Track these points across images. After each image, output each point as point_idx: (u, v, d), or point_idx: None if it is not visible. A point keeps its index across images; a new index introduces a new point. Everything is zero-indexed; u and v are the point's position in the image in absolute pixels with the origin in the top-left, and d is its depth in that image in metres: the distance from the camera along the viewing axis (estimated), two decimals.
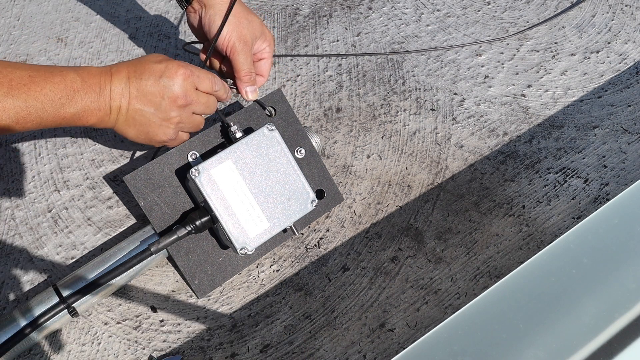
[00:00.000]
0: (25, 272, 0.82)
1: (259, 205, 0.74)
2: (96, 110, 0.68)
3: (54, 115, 0.65)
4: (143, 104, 0.70)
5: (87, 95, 0.67)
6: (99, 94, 0.68)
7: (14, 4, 1.13)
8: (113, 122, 0.70)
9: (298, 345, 0.76)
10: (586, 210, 0.85)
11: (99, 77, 0.68)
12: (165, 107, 0.70)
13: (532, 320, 0.55)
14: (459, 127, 0.94)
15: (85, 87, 0.67)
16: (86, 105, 0.67)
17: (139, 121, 0.71)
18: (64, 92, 0.65)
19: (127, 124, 0.71)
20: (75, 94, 0.66)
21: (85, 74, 0.67)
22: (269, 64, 0.82)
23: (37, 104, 0.63)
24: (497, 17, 1.08)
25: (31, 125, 0.64)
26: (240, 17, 0.75)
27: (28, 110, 0.63)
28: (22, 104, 0.62)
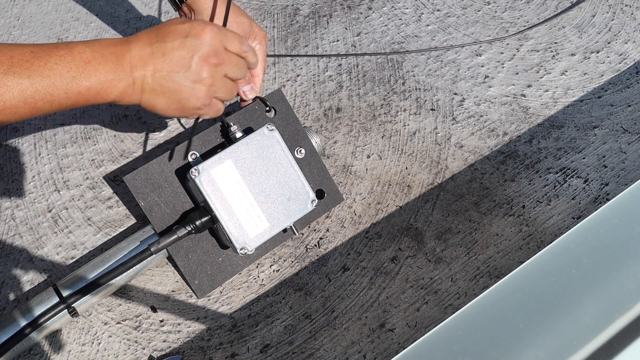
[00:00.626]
0: (25, 272, 0.82)
1: (259, 205, 0.74)
2: (116, 82, 0.61)
3: (66, 91, 0.59)
4: (171, 67, 0.63)
5: (102, 65, 0.61)
6: (117, 63, 0.61)
7: (14, 4, 1.13)
8: (138, 93, 0.64)
9: (298, 345, 0.76)
10: (586, 210, 0.85)
11: (114, 47, 0.62)
12: (196, 67, 0.64)
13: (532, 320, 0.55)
14: (459, 127, 0.94)
15: (97, 57, 0.61)
16: (103, 77, 0.61)
17: (169, 88, 0.64)
18: (73, 64, 0.59)
19: (155, 93, 0.64)
20: (87, 65, 0.60)
21: (95, 45, 0.61)
22: (263, 61, 0.80)
23: (44, 80, 0.58)
24: (497, 17, 1.08)
25: (43, 105, 0.59)
26: (229, 19, 0.75)
27: (34, 87, 0.58)
28: (25, 81, 0.57)
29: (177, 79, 0.64)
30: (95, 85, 0.61)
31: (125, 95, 0.63)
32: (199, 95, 0.66)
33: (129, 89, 0.63)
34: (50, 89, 0.58)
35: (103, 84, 0.61)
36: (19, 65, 0.57)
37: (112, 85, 0.62)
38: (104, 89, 0.61)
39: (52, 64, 0.58)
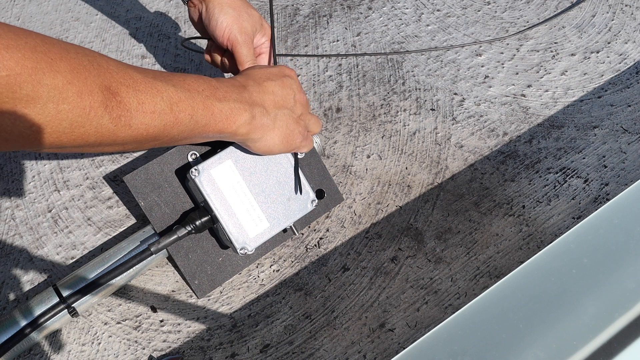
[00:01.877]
0: (25, 272, 0.82)
1: (259, 205, 0.74)
2: (242, 111, 0.63)
3: (203, 107, 0.60)
4: (280, 104, 0.68)
5: (229, 93, 0.63)
6: (240, 94, 0.64)
7: (14, 4, 1.13)
8: (257, 129, 0.66)
9: (298, 345, 0.76)
10: (586, 210, 0.85)
11: (231, 82, 0.65)
12: (295, 104, 0.69)
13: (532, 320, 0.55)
14: (459, 127, 0.94)
15: (223, 86, 0.63)
16: (232, 104, 0.62)
17: (279, 124, 0.68)
18: (206, 85, 0.61)
19: (269, 129, 0.67)
20: (217, 90, 0.62)
21: (216, 78, 0.64)
22: (268, 59, 0.82)
23: (185, 92, 0.59)
24: (497, 17, 1.08)
25: (184, 117, 0.58)
26: (240, 10, 0.76)
27: (179, 95, 0.58)
28: (171, 88, 0.57)
29: (285, 116, 0.68)
30: (226, 109, 0.62)
31: (246, 127, 0.65)
32: (301, 130, 0.71)
33: (250, 123, 0.65)
34: (191, 101, 0.59)
35: (232, 110, 0.63)
36: (163, 77, 0.58)
37: (239, 114, 0.63)
38: (232, 115, 0.63)
39: (189, 80, 0.60)
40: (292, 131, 0.69)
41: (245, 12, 0.76)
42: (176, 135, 0.60)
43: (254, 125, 0.65)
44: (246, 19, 0.76)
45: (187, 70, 1.02)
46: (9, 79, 0.44)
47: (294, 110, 0.69)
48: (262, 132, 0.67)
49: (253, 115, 0.65)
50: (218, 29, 0.75)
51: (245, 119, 0.64)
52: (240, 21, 0.75)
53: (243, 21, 0.76)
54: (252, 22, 0.77)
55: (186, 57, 1.04)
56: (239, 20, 0.75)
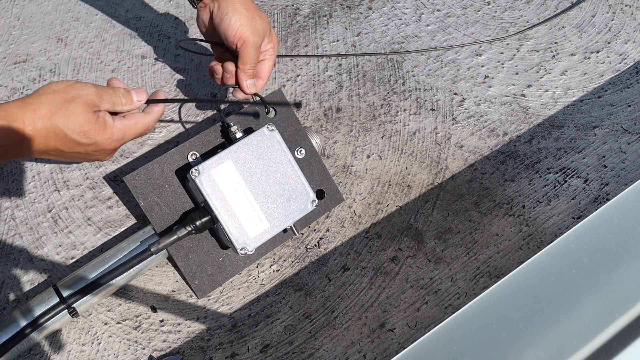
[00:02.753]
0: (25, 272, 0.82)
1: (259, 206, 0.74)
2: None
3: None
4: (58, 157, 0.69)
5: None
6: (5, 149, 0.63)
7: (14, 4, 1.13)
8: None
9: (298, 345, 0.76)
10: (586, 210, 0.85)
11: (6, 134, 0.62)
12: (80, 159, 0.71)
13: (532, 320, 0.55)
14: (459, 127, 0.94)
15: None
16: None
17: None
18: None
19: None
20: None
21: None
22: (270, 67, 0.81)
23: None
24: (497, 17, 1.08)
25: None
26: (253, 12, 0.76)
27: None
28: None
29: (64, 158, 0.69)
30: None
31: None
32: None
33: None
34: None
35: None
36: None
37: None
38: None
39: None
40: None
41: (258, 15, 0.76)
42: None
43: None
44: (258, 22, 0.76)
45: (187, 70, 1.02)
46: None
47: (75, 159, 0.69)
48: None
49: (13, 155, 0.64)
50: (231, 28, 0.75)
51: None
52: (253, 22, 0.75)
53: (256, 23, 0.75)
54: (263, 25, 0.77)
55: (186, 57, 1.04)
56: (252, 22, 0.75)
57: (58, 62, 1.04)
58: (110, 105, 0.67)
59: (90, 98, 0.65)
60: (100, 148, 0.67)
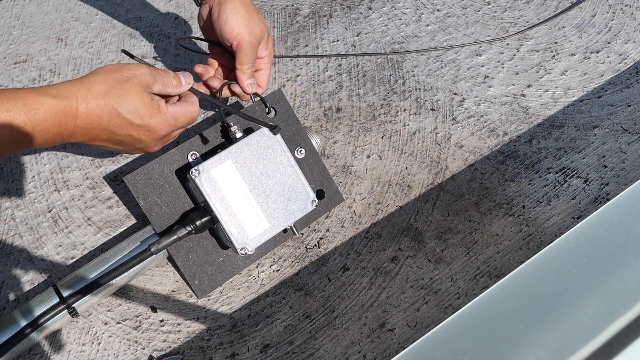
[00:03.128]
0: (25, 272, 0.82)
1: (259, 206, 0.74)
2: (50, 143, 0.64)
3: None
4: (108, 145, 0.70)
5: (37, 135, 0.62)
6: (57, 134, 0.63)
7: (14, 4, 1.13)
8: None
9: (298, 345, 0.76)
10: (586, 210, 0.85)
11: (57, 117, 0.62)
12: (129, 149, 0.72)
13: (532, 320, 0.55)
14: (459, 127, 0.94)
15: (32, 128, 0.61)
16: (36, 143, 0.62)
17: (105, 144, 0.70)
18: (7, 130, 0.60)
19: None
20: (22, 136, 0.61)
21: (36, 108, 0.61)
22: (268, 75, 0.82)
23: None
24: (497, 17, 1.08)
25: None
26: (252, 13, 0.76)
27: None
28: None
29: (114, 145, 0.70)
30: (24, 146, 0.62)
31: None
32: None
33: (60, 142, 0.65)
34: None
35: (34, 144, 0.63)
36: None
37: (43, 143, 0.64)
38: (33, 144, 0.63)
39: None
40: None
41: (257, 17, 0.76)
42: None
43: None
44: (256, 23, 0.76)
45: (187, 70, 1.02)
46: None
47: (124, 148, 0.70)
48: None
49: (65, 140, 0.65)
50: (227, 26, 0.75)
51: (51, 144, 0.64)
52: (251, 24, 0.75)
53: (254, 25, 0.75)
54: (261, 27, 0.77)
55: (186, 57, 1.04)
56: (250, 23, 0.75)
57: (58, 62, 1.04)
58: (162, 86, 0.67)
59: (144, 79, 0.65)
60: (153, 132, 0.67)
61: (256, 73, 0.81)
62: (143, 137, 0.67)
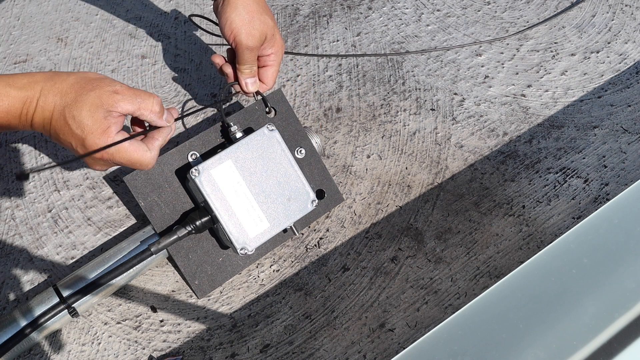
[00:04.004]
0: (25, 272, 0.82)
1: (259, 206, 0.74)
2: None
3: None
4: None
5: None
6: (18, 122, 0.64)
7: (14, 4, 1.13)
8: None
9: (298, 345, 0.76)
10: (586, 210, 0.85)
11: (12, 110, 0.63)
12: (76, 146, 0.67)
13: (532, 320, 0.55)
14: (459, 127, 0.94)
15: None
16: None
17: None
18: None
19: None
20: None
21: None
22: (274, 72, 0.81)
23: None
24: (497, 17, 1.08)
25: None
26: (254, 14, 0.75)
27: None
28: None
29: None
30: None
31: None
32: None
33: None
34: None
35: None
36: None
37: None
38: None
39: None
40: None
41: (259, 18, 0.75)
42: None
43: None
44: (257, 25, 0.75)
45: (187, 70, 1.02)
46: None
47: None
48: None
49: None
50: (226, 28, 0.75)
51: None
52: (250, 26, 0.75)
53: (253, 27, 0.75)
54: (262, 29, 0.76)
55: (186, 57, 1.04)
56: (249, 24, 0.75)
57: (58, 62, 1.04)
58: (134, 107, 0.64)
59: (108, 95, 0.62)
60: (87, 148, 0.63)
61: (262, 70, 0.81)
62: (79, 149, 0.64)
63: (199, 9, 1.11)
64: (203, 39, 1.07)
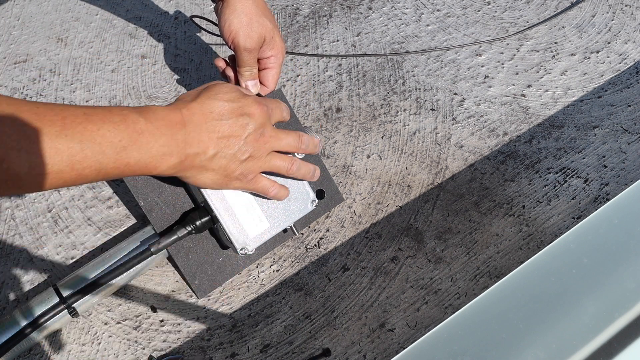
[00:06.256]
0: (25, 272, 0.82)
1: (259, 206, 0.74)
2: (168, 156, 0.59)
3: (115, 161, 0.56)
4: (224, 147, 0.64)
5: (155, 138, 0.58)
6: (171, 138, 0.59)
7: (14, 4, 1.13)
8: (188, 169, 0.63)
9: (298, 345, 0.76)
10: (586, 210, 0.85)
11: (168, 119, 0.60)
12: (245, 146, 0.65)
13: (532, 320, 0.55)
14: (459, 127, 0.94)
15: (151, 128, 0.58)
16: (155, 151, 0.58)
17: (219, 164, 0.64)
18: (126, 133, 0.56)
19: (205, 169, 0.64)
20: (140, 137, 0.57)
21: (149, 114, 0.59)
22: (275, 74, 0.81)
23: (95, 147, 0.54)
24: (497, 17, 1.08)
25: (89, 172, 0.55)
26: (252, 16, 0.75)
27: (84, 153, 0.53)
28: (76, 146, 0.53)
29: (225, 158, 0.64)
30: (145, 158, 0.58)
31: (173, 169, 0.62)
32: (244, 171, 0.67)
33: (179, 165, 0.61)
34: (99, 156, 0.54)
35: (154, 158, 0.59)
36: (72, 128, 0.53)
37: (163, 160, 0.59)
38: (153, 163, 0.59)
39: (104, 130, 0.55)
40: (232, 173, 0.66)
41: (257, 21, 0.75)
42: (81, 184, 0.57)
43: (184, 167, 0.62)
44: (255, 28, 0.75)
45: (187, 70, 1.02)
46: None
47: (240, 152, 0.65)
48: (194, 172, 0.64)
49: (183, 158, 0.61)
50: (225, 30, 0.75)
51: (171, 163, 0.60)
52: (249, 28, 0.75)
53: (252, 29, 0.75)
54: (261, 31, 0.76)
55: (186, 57, 1.04)
56: (247, 27, 0.75)
57: (58, 62, 1.04)
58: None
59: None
60: (251, 105, 0.66)
61: (263, 72, 0.81)
62: (243, 118, 0.65)
63: (199, 9, 1.11)
64: (203, 39, 1.07)
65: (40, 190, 0.53)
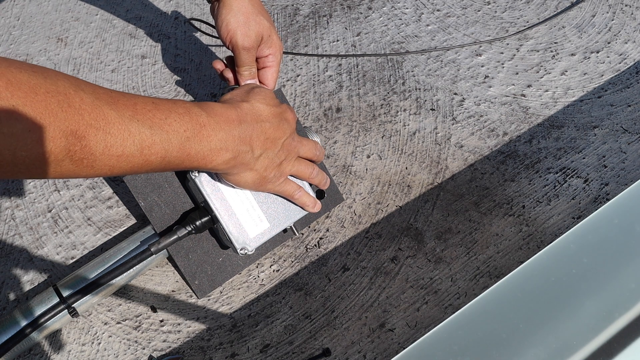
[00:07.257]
0: (25, 272, 0.82)
1: (259, 206, 0.74)
2: (224, 151, 0.62)
3: (178, 150, 0.58)
4: (268, 147, 0.67)
5: (215, 132, 0.61)
6: (228, 134, 0.62)
7: (14, 4, 1.13)
8: (237, 165, 0.65)
9: (298, 345, 0.76)
10: (586, 210, 0.85)
11: (226, 115, 0.63)
12: (282, 149, 0.69)
13: (532, 320, 0.55)
14: (459, 127, 0.94)
15: (212, 123, 0.61)
16: (214, 144, 0.61)
17: (261, 164, 0.67)
18: (190, 125, 0.58)
19: (248, 168, 0.66)
20: (202, 129, 0.59)
21: (209, 109, 0.62)
22: (274, 73, 0.81)
23: (162, 134, 0.56)
24: (497, 17, 1.08)
25: (154, 159, 0.56)
26: (249, 15, 0.75)
27: (153, 139, 0.55)
28: (147, 131, 0.54)
29: (268, 159, 0.68)
30: (204, 150, 0.60)
31: (225, 165, 0.64)
32: (277, 174, 0.70)
33: (232, 161, 0.63)
34: (166, 144, 0.56)
35: (212, 151, 0.61)
36: (142, 114, 0.55)
37: (219, 154, 0.62)
38: (210, 156, 0.61)
39: (171, 119, 0.57)
40: (269, 174, 0.69)
41: (254, 20, 0.76)
42: (144, 172, 0.59)
43: (234, 163, 0.64)
44: (253, 27, 0.75)
45: (187, 70, 1.02)
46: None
47: (278, 155, 0.69)
48: (240, 169, 0.66)
49: (236, 155, 0.63)
50: (222, 29, 0.75)
51: (226, 158, 0.63)
52: (246, 27, 0.75)
53: (249, 28, 0.75)
54: (258, 29, 0.76)
55: (186, 57, 1.04)
56: (244, 26, 0.75)
57: (58, 62, 1.04)
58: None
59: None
60: (286, 112, 0.70)
61: (262, 71, 0.81)
62: (284, 122, 0.69)
63: (199, 9, 1.12)
64: (203, 39, 1.07)
65: (108, 174, 0.55)
